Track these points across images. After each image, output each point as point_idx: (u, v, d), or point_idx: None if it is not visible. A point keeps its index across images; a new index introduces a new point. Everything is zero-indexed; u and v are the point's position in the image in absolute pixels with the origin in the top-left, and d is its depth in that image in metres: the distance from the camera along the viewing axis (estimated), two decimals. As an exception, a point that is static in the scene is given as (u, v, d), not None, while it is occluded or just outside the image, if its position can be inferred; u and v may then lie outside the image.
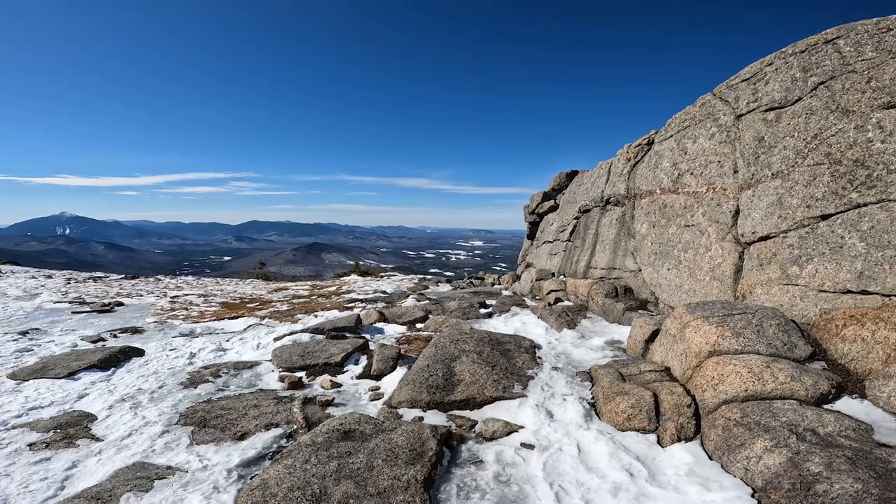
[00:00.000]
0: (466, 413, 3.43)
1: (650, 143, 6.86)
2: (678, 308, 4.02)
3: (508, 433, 3.11)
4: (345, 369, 4.57)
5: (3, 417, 3.70)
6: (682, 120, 6.06)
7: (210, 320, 7.20)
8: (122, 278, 12.67)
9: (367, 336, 5.55)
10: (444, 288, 10.96)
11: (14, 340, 5.75)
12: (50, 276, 11.95)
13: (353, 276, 13.93)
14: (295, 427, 3.35)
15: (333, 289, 10.71)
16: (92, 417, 3.73)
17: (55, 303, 8.40)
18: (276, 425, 3.37)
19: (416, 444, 2.79)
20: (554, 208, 10.65)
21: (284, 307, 8.17)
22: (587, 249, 8.03)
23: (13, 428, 3.50)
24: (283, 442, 3.18)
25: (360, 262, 17.48)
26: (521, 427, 3.19)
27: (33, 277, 11.48)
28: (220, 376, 4.38)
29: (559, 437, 3.03)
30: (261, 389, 4.16)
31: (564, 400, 3.50)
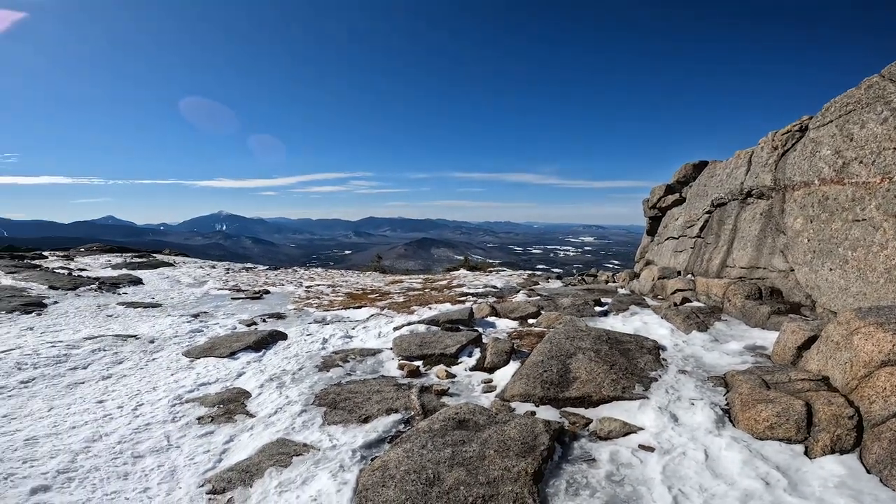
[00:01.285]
0: (580, 411, 3.37)
1: (803, 130, 5.92)
2: (844, 313, 3.44)
3: (625, 434, 3.01)
4: (459, 361, 4.69)
5: (178, 392, 4.30)
6: (843, 104, 5.13)
7: (338, 309, 7.92)
8: (266, 269, 14.54)
9: (480, 329, 5.64)
10: (555, 284, 10.68)
11: (188, 322, 6.90)
12: (213, 267, 14.18)
13: (463, 271, 14.25)
14: (412, 413, 3.51)
15: (445, 282, 11.07)
16: (247, 395, 4.20)
17: (218, 290, 9.94)
18: (396, 411, 3.55)
19: (528, 438, 2.80)
20: (679, 202, 9.73)
21: (401, 299, 8.67)
22: (722, 247, 7.21)
23: (186, 402, 4.06)
24: (401, 427, 3.34)
25: (469, 258, 17.80)
26: (641, 429, 3.06)
27: (200, 268, 13.72)
28: (348, 361, 4.79)
29: (683, 442, 2.87)
30: (382, 376, 4.44)
31: (692, 404, 3.29)
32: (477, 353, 4.80)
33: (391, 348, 5.16)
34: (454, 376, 4.31)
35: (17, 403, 3.98)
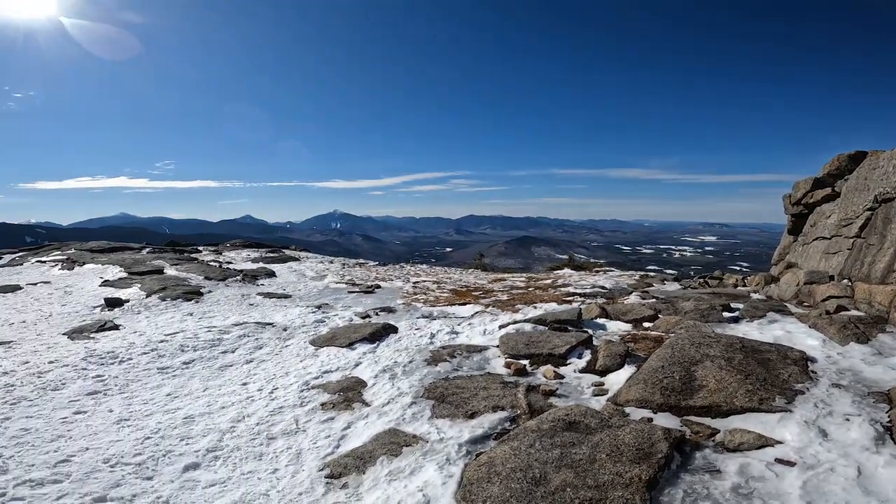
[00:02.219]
0: (706, 420, 3.16)
1: None
2: None
3: (760, 447, 2.78)
4: (567, 362, 4.60)
5: (306, 378, 4.72)
6: None
7: (443, 305, 8.15)
8: (376, 265, 15.52)
9: (590, 331, 5.42)
10: (672, 287, 9.84)
11: (313, 312, 7.61)
12: (331, 262, 15.50)
13: (567, 270, 13.78)
14: (518, 412, 3.51)
15: (549, 281, 10.81)
16: (363, 384, 4.49)
17: (336, 283, 10.85)
18: (502, 408, 3.58)
19: (644, 444, 2.71)
20: (831, 197, 8.33)
21: (505, 297, 8.65)
22: (888, 249, 6.06)
23: (312, 388, 4.46)
24: (506, 425, 3.37)
25: (573, 256, 17.16)
26: (779, 442, 2.82)
27: (321, 263, 15.08)
28: (455, 357, 4.91)
29: (832, 458, 2.61)
30: (489, 373, 4.49)
31: (847, 420, 2.98)
32: (587, 355, 4.67)
33: (497, 346, 5.19)
34: (562, 377, 4.25)
35: (179, 383, 4.68)
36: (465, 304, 8.11)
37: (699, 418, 3.20)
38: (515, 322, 6.01)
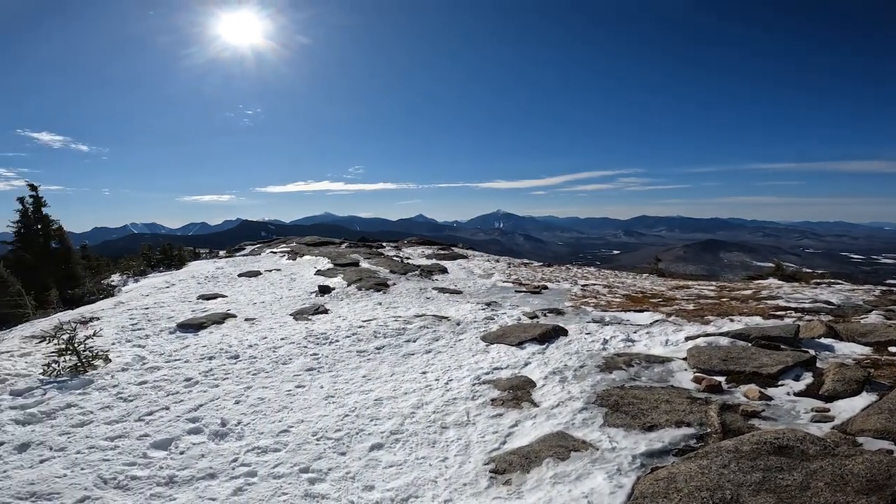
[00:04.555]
0: None
1: None
2: None
3: None
4: (779, 383, 3.98)
5: (478, 372, 4.90)
6: None
7: (616, 310, 7.65)
8: (542, 265, 15.39)
9: (811, 351, 4.48)
10: (937, 307, 7.44)
11: (483, 309, 7.91)
12: (497, 261, 15.95)
13: (774, 280, 11.55)
14: (708, 430, 3.22)
15: (749, 292, 9.23)
16: (532, 384, 4.49)
17: (503, 282, 11.11)
18: (688, 424, 3.31)
19: (878, 476, 2.44)
20: None
21: (690, 306, 7.70)
22: None
23: (483, 383, 4.61)
24: (692, 442, 3.12)
25: (781, 265, 14.32)
26: None
27: (487, 261, 15.64)
28: (632, 366, 4.58)
29: None
30: (672, 386, 4.11)
31: None
32: (806, 378, 3.99)
33: (684, 358, 4.67)
34: (769, 399, 3.72)
35: (372, 367, 5.31)
36: (641, 310, 7.47)
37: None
38: (707, 335, 5.30)
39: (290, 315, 7.81)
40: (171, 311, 8.11)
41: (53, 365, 4.96)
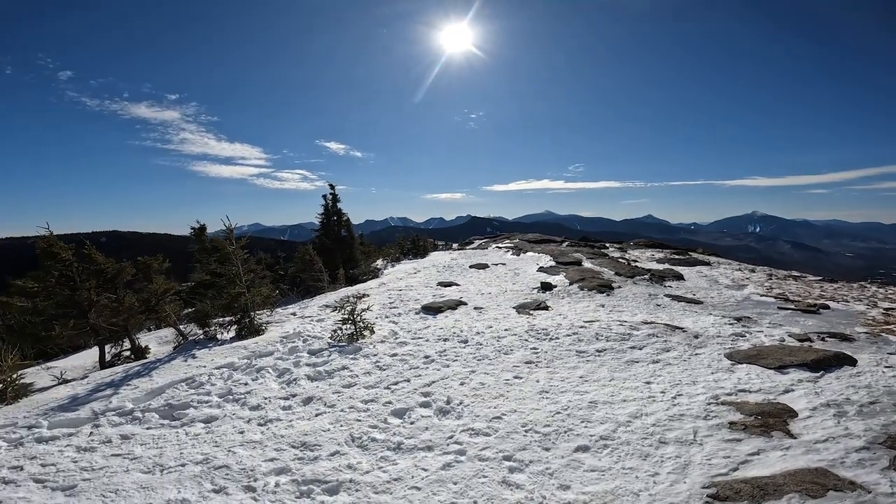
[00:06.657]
0: None
1: None
2: None
3: None
4: None
5: (717, 392, 4.28)
6: None
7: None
8: (821, 280, 12.06)
9: None
10: None
11: (730, 324, 6.71)
12: (752, 270, 13.23)
13: None
14: None
15: None
16: (792, 413, 3.78)
17: (760, 296, 9.16)
18: None
19: None
20: None
21: None
22: None
23: (722, 404, 4.00)
24: None
25: None
26: None
27: (738, 270, 13.12)
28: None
29: None
30: None
31: None
32: None
33: None
34: None
35: (591, 368, 5.12)
36: None
37: None
38: None
39: (514, 308, 8.20)
40: (417, 295, 9.54)
41: (338, 332, 6.46)
